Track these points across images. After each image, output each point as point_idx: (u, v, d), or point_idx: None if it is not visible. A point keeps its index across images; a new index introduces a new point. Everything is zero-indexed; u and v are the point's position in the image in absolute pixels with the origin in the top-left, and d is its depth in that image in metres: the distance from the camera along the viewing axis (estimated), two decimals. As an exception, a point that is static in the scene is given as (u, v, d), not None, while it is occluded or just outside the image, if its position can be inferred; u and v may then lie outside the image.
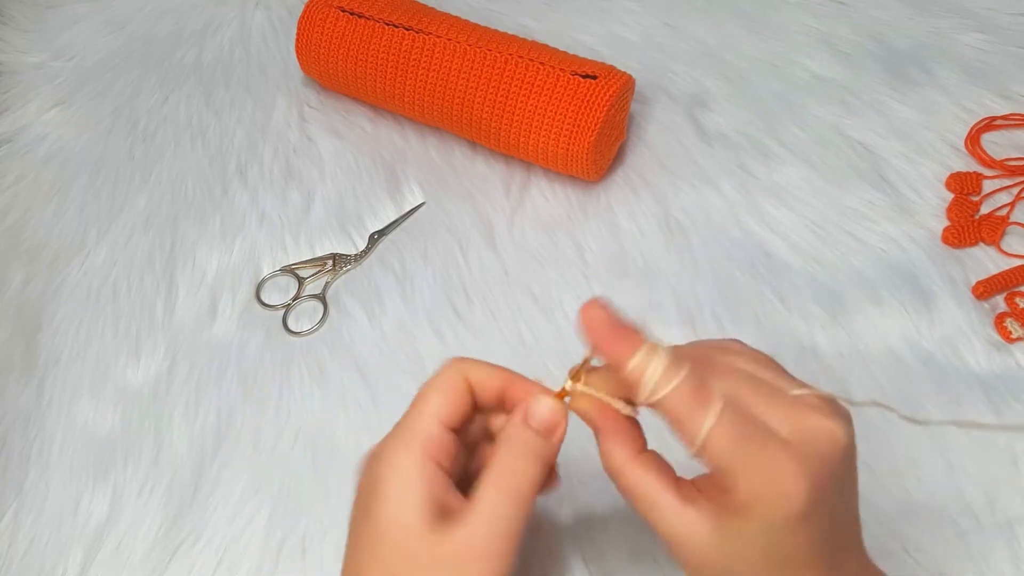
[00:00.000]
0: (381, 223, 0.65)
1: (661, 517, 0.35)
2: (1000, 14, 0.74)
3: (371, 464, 0.37)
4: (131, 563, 0.51)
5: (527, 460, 0.36)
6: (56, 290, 0.63)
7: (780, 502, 0.32)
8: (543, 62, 0.62)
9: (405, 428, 0.37)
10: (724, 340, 0.39)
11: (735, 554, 0.34)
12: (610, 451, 0.37)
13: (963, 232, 0.61)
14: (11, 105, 0.75)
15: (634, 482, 0.36)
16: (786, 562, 0.34)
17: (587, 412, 0.38)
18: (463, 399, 0.38)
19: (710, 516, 0.34)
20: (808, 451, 0.33)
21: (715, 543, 0.34)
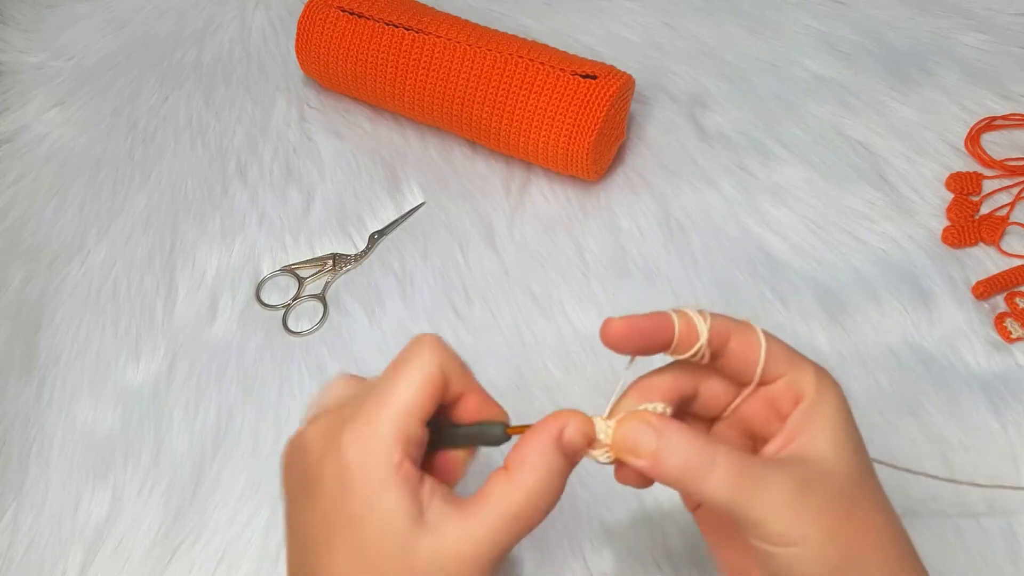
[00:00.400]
0: (381, 223, 0.65)
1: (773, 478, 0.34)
2: (1000, 14, 0.74)
3: (333, 457, 0.34)
4: (131, 563, 0.51)
5: (551, 490, 0.35)
6: (56, 290, 0.63)
7: (836, 387, 0.36)
8: (543, 62, 0.62)
9: (382, 425, 0.34)
10: None
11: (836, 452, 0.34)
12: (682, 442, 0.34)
13: (963, 232, 0.61)
14: (11, 105, 0.75)
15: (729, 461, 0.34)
16: (863, 450, 0.35)
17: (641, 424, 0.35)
18: (439, 392, 0.35)
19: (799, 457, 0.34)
20: (825, 371, 0.37)
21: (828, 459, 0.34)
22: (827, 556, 0.33)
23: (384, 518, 0.33)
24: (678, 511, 0.50)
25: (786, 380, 0.36)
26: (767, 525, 0.33)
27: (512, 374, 0.57)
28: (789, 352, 0.36)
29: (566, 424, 0.35)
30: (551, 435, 0.35)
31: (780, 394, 0.36)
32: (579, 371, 0.57)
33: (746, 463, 0.33)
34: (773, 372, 0.36)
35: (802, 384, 0.35)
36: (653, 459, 0.34)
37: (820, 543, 0.33)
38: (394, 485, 0.33)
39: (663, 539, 0.50)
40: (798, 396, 0.35)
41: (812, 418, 0.35)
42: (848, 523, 0.33)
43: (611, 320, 0.35)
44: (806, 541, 0.33)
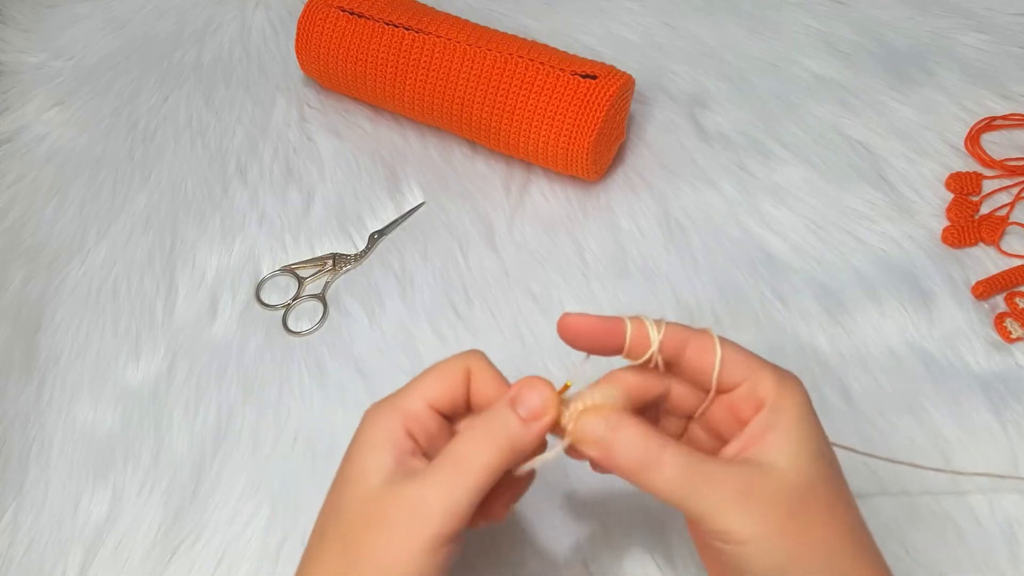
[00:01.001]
0: (381, 223, 0.65)
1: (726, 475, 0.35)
2: (1000, 14, 0.74)
3: (359, 426, 0.39)
4: (131, 563, 0.51)
5: (495, 440, 0.36)
6: (56, 290, 0.63)
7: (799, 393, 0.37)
8: (543, 62, 0.62)
9: (393, 398, 0.38)
10: None
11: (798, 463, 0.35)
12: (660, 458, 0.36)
13: (963, 232, 0.61)
14: (11, 105, 0.75)
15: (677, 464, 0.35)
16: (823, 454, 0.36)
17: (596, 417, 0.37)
18: (456, 388, 0.39)
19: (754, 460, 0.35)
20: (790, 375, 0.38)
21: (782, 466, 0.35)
22: (773, 556, 0.34)
23: (360, 470, 0.37)
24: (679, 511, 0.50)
25: (746, 387, 0.37)
26: (711, 520, 0.34)
27: (512, 374, 0.56)
28: (749, 359, 0.37)
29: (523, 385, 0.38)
30: (506, 395, 0.38)
31: (740, 401, 0.37)
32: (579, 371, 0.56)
33: (694, 460, 0.35)
34: (731, 380, 0.37)
35: (761, 392, 0.36)
36: (607, 451, 0.36)
37: (766, 542, 0.34)
38: (380, 443, 0.37)
39: (663, 539, 0.50)
40: (758, 403, 0.36)
41: (769, 426, 0.36)
42: (796, 524, 0.34)
43: (567, 315, 0.39)
44: (751, 539, 0.34)
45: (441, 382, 0.39)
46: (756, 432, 0.36)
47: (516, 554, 0.50)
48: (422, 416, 0.38)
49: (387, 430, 0.37)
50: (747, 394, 0.37)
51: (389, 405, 0.38)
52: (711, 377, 0.37)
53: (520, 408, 0.37)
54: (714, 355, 0.37)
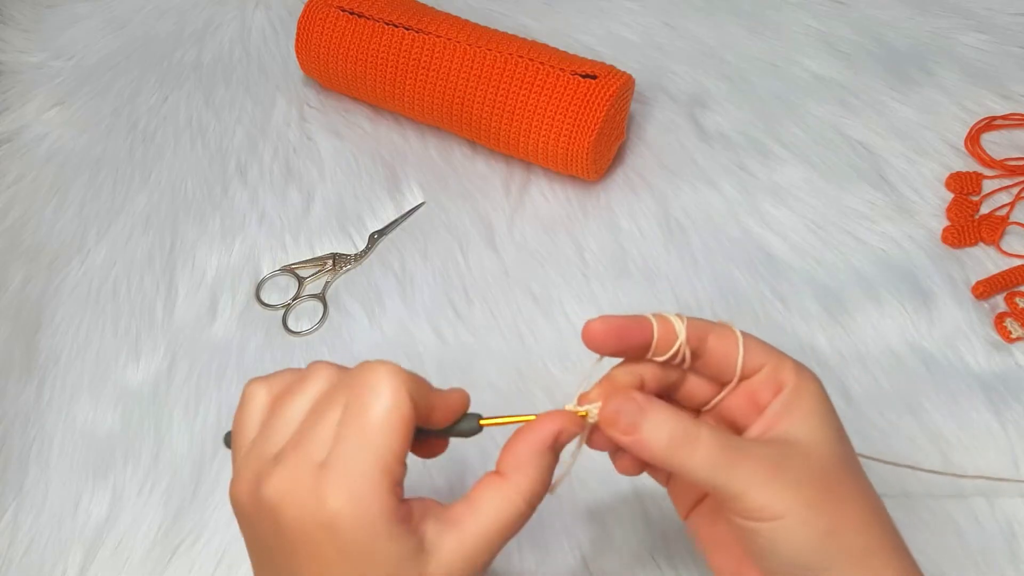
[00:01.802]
0: (381, 223, 0.65)
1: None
2: (1000, 14, 0.74)
3: (319, 520, 0.32)
4: (131, 563, 0.51)
5: (542, 487, 0.35)
6: (56, 290, 0.63)
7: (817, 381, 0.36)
8: (543, 62, 0.62)
9: (374, 480, 0.32)
10: None
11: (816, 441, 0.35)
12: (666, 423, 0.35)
13: (963, 232, 0.61)
14: (11, 105, 0.75)
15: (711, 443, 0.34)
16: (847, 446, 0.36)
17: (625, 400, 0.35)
18: (413, 427, 0.33)
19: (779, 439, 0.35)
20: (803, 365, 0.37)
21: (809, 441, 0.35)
22: (809, 530, 0.33)
23: (390, 566, 0.32)
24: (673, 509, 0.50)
25: (766, 372, 0.37)
26: (747, 498, 0.33)
27: (512, 374, 0.57)
28: (767, 347, 0.37)
29: (562, 430, 0.35)
30: (547, 440, 0.35)
31: (760, 386, 0.37)
32: (579, 371, 0.57)
33: (727, 439, 0.34)
34: (753, 365, 0.37)
35: (782, 375, 0.36)
36: (636, 432, 0.34)
37: (801, 516, 0.33)
38: (394, 533, 0.32)
39: (663, 539, 0.50)
40: (778, 386, 0.36)
41: (791, 406, 0.36)
42: (828, 498, 0.34)
43: (592, 321, 0.36)
44: (787, 514, 0.33)
45: (407, 433, 0.33)
46: (779, 411, 0.36)
47: (516, 554, 0.50)
48: (403, 474, 0.33)
49: (394, 520, 0.32)
50: (767, 378, 0.36)
51: (377, 491, 0.32)
52: (733, 365, 0.37)
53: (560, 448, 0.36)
54: (736, 344, 0.37)
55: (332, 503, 0.31)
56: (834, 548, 0.33)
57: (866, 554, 0.34)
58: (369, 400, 0.33)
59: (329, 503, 0.31)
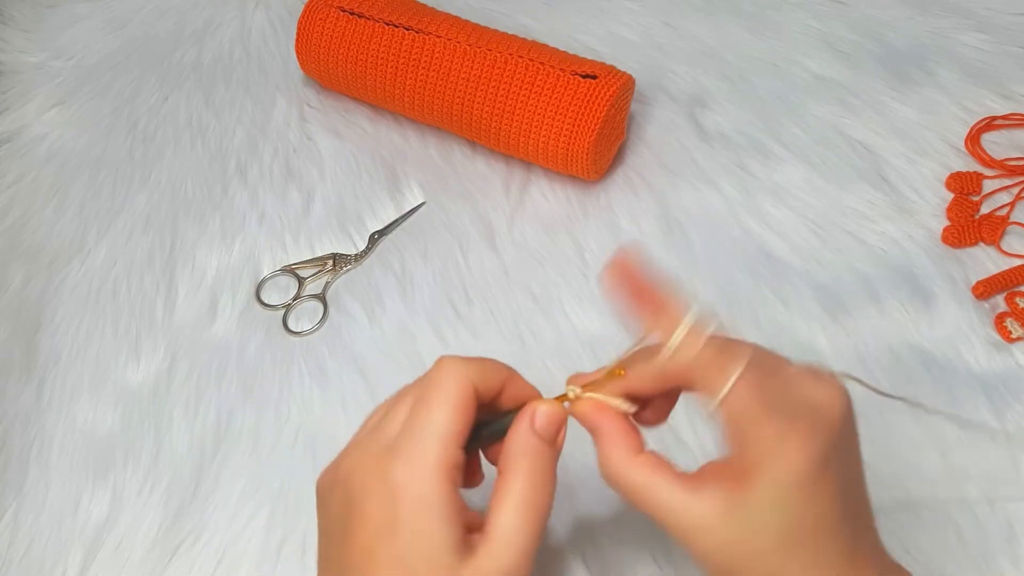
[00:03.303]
0: (381, 223, 0.65)
1: (670, 510, 0.34)
2: (1000, 14, 0.74)
3: (382, 493, 0.34)
4: (131, 563, 0.51)
5: (542, 473, 0.36)
6: (56, 290, 0.63)
7: (790, 463, 0.33)
8: (543, 62, 0.62)
9: (431, 457, 0.34)
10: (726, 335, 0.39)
11: (750, 533, 0.33)
12: (610, 453, 0.37)
13: (963, 232, 0.61)
14: (11, 105, 0.75)
15: (637, 480, 0.35)
16: (801, 536, 0.33)
17: (587, 415, 0.38)
18: (472, 410, 0.36)
19: (720, 498, 0.34)
20: (812, 415, 0.34)
21: (728, 524, 0.33)
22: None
23: (432, 550, 0.33)
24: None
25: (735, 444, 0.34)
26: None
27: (512, 374, 0.57)
28: (758, 411, 0.34)
29: (535, 411, 0.37)
30: (524, 425, 0.37)
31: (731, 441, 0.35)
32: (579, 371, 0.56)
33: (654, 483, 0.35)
34: (729, 426, 0.35)
35: (749, 457, 0.33)
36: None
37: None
38: (446, 517, 0.34)
39: (663, 539, 0.50)
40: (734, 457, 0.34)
41: (749, 478, 0.33)
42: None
43: (623, 256, 0.37)
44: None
45: (461, 412, 0.35)
46: (735, 470, 0.34)
47: (516, 554, 0.50)
48: (461, 461, 0.35)
49: (443, 501, 0.34)
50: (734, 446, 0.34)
51: (434, 468, 0.34)
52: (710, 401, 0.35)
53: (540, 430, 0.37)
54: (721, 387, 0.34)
55: (394, 476, 0.34)
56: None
57: None
58: (431, 387, 0.36)
59: (392, 476, 0.34)
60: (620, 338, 0.57)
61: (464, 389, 0.36)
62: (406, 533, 0.33)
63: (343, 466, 0.36)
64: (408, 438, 0.35)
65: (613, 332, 0.58)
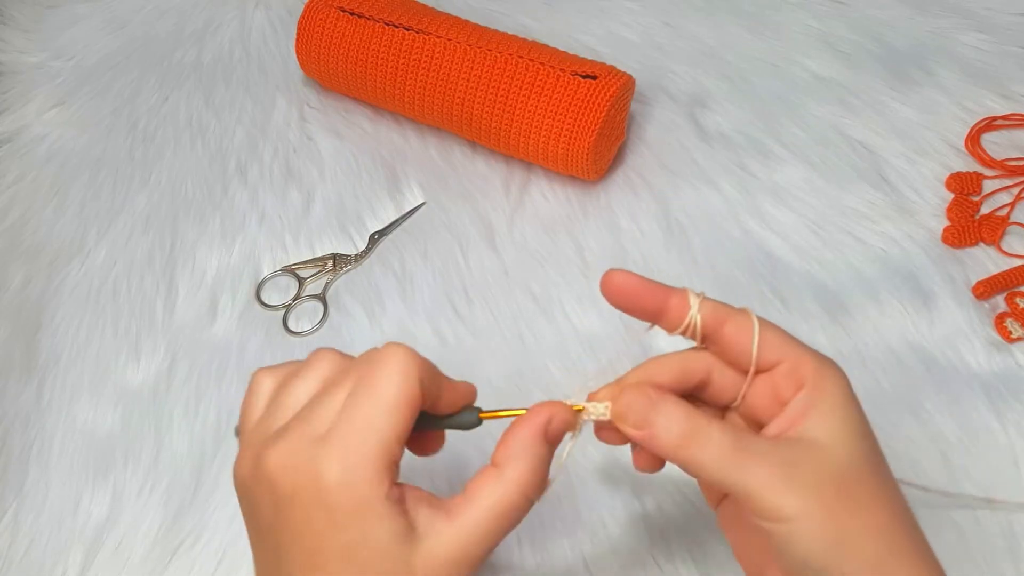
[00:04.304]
0: (381, 223, 0.65)
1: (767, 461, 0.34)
2: (1000, 14, 0.74)
3: (312, 492, 0.32)
4: (131, 563, 0.51)
5: (537, 480, 0.34)
6: (56, 290, 0.63)
7: (840, 375, 0.36)
8: (543, 62, 0.62)
9: (369, 457, 0.32)
10: None
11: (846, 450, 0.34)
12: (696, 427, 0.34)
13: (963, 232, 0.61)
14: (11, 105, 0.75)
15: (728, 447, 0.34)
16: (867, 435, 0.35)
17: (646, 394, 0.35)
18: (417, 411, 0.34)
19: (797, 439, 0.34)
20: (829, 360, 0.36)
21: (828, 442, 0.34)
22: (820, 534, 0.33)
23: (379, 544, 0.32)
24: (678, 511, 0.50)
25: (786, 366, 0.36)
26: (758, 498, 0.33)
27: (512, 374, 0.57)
28: (788, 340, 0.37)
29: (552, 417, 0.35)
30: (538, 428, 0.35)
31: (781, 380, 0.36)
32: (579, 371, 0.56)
33: (739, 438, 0.34)
34: (771, 358, 0.36)
35: (802, 370, 0.35)
36: (649, 427, 0.34)
37: (812, 520, 0.33)
38: (386, 512, 0.32)
39: (663, 539, 0.50)
40: (799, 382, 0.35)
41: (811, 404, 0.35)
42: (842, 503, 0.33)
43: (614, 273, 0.37)
44: (797, 517, 0.33)
45: (410, 413, 0.34)
46: (799, 410, 0.35)
47: (516, 554, 0.50)
48: (399, 456, 0.34)
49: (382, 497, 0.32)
50: (788, 372, 0.36)
51: (371, 467, 0.32)
52: (749, 354, 0.36)
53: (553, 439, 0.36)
54: (752, 332, 0.36)
55: (327, 475, 0.32)
56: (847, 554, 0.33)
57: (879, 560, 0.33)
58: (378, 378, 0.33)
59: (324, 475, 0.32)
60: (620, 338, 0.58)
61: (412, 388, 0.33)
62: (349, 532, 0.32)
63: (268, 463, 0.33)
64: (344, 435, 0.33)
65: (613, 332, 0.58)
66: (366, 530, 0.32)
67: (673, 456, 0.34)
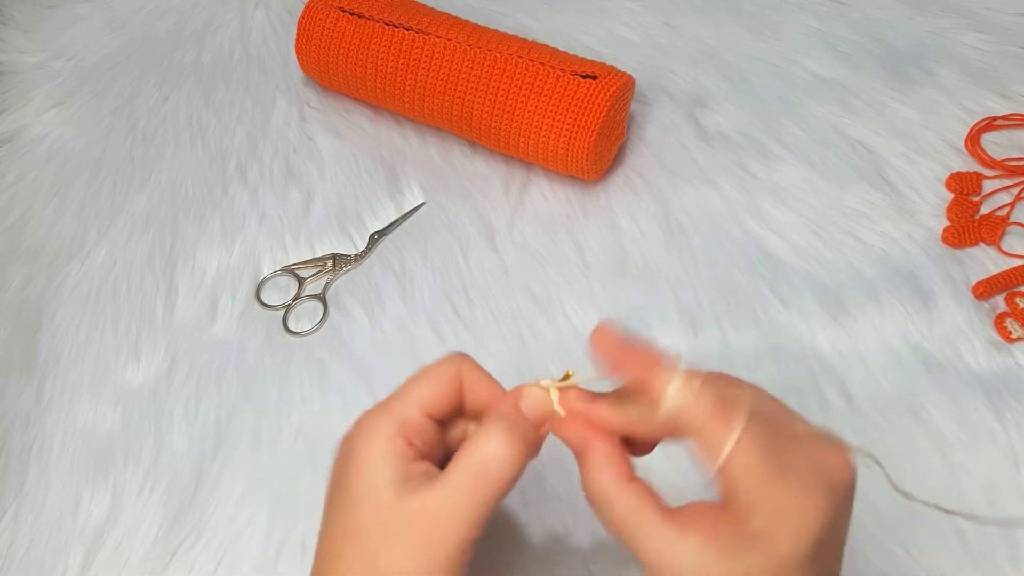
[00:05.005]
0: (381, 223, 0.65)
1: (653, 548, 0.33)
2: (1000, 14, 0.74)
3: (348, 437, 0.38)
4: (131, 563, 0.51)
5: (513, 443, 0.35)
6: (56, 290, 0.63)
7: (800, 534, 0.31)
8: (543, 62, 0.62)
9: (386, 407, 0.38)
10: (727, 375, 0.37)
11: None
12: (599, 475, 0.35)
13: (963, 232, 0.61)
14: (11, 105, 0.75)
15: (625, 507, 0.34)
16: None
17: (576, 431, 0.37)
18: (450, 393, 0.38)
19: (710, 549, 0.32)
20: (825, 484, 0.32)
21: (715, 573, 0.32)
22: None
23: (369, 483, 0.36)
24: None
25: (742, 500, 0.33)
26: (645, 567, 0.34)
27: (512, 374, 0.56)
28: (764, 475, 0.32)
29: (522, 391, 0.38)
30: (510, 398, 0.38)
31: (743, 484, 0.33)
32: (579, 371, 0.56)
33: (639, 509, 0.34)
34: (729, 487, 0.33)
35: (755, 515, 0.32)
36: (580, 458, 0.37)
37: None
38: (384, 453, 0.36)
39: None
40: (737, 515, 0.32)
41: (753, 538, 0.32)
42: None
43: (603, 329, 0.38)
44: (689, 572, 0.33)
45: (435, 387, 0.38)
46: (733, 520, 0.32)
47: (516, 554, 0.50)
48: (418, 424, 0.37)
49: (387, 441, 0.36)
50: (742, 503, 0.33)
51: (385, 414, 0.37)
52: (709, 462, 0.33)
53: (526, 408, 0.37)
54: (721, 450, 0.33)
55: (355, 429, 0.38)
56: None
57: None
58: (425, 366, 0.39)
59: (354, 429, 0.38)
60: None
61: (449, 371, 0.38)
62: (352, 469, 0.36)
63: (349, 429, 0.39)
64: (385, 400, 0.38)
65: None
66: (364, 467, 0.36)
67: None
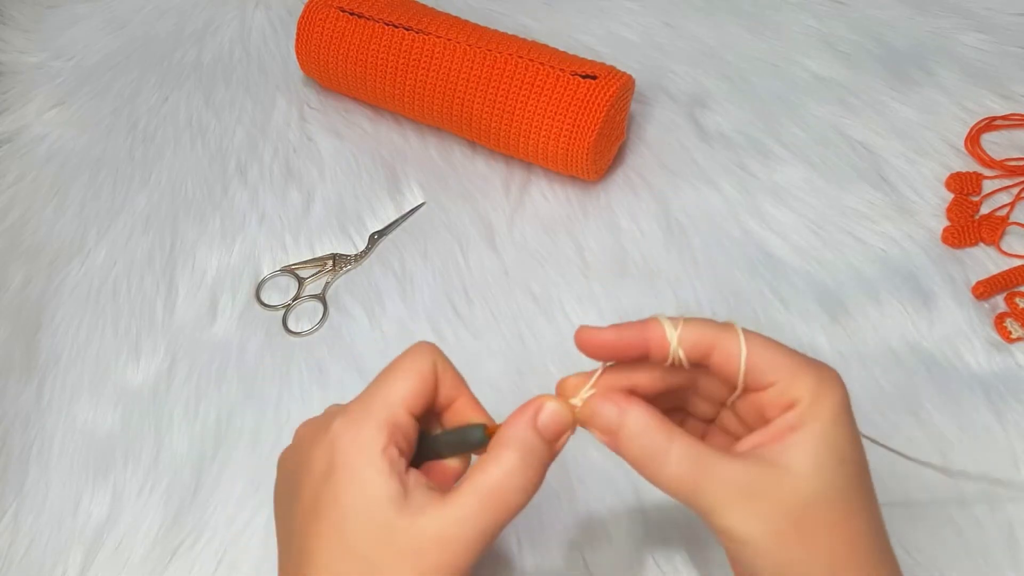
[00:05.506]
0: (381, 223, 0.65)
1: (729, 476, 0.33)
2: (1000, 14, 0.74)
3: (323, 443, 0.36)
4: (131, 563, 0.51)
5: (526, 469, 0.35)
6: (56, 290, 0.63)
7: (836, 393, 0.34)
8: (543, 62, 0.62)
9: (370, 410, 0.36)
10: None
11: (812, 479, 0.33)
12: (648, 431, 0.34)
13: (963, 232, 0.61)
14: (11, 105, 0.75)
15: (686, 454, 0.34)
16: (857, 473, 0.34)
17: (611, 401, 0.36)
18: (429, 388, 0.37)
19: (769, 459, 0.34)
20: (828, 370, 0.35)
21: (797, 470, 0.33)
22: (770, 559, 0.33)
23: (368, 498, 0.34)
24: (678, 511, 0.50)
25: (777, 389, 0.35)
26: (715, 516, 0.33)
27: (512, 374, 0.57)
28: (783, 360, 0.35)
29: (541, 407, 0.36)
30: (527, 417, 0.36)
31: (768, 402, 0.35)
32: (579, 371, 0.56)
33: (700, 456, 0.34)
34: (764, 380, 0.35)
35: (795, 393, 0.34)
36: (614, 437, 0.35)
37: (762, 545, 0.33)
38: (380, 466, 0.34)
39: (663, 539, 0.50)
40: (789, 404, 0.34)
41: (794, 426, 0.34)
42: (799, 533, 0.33)
43: (583, 330, 0.37)
44: (750, 541, 0.33)
45: (416, 383, 0.37)
46: (779, 429, 0.34)
47: (516, 554, 0.50)
48: (404, 425, 0.36)
49: (381, 453, 0.34)
50: (777, 395, 0.35)
51: (371, 419, 0.35)
52: (738, 378, 0.35)
53: (542, 426, 0.36)
54: (739, 357, 0.35)
55: (335, 433, 0.35)
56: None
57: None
58: (394, 360, 0.38)
59: (333, 433, 0.35)
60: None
61: (425, 365, 0.37)
62: (342, 481, 0.34)
63: (298, 431, 0.39)
64: (358, 399, 0.37)
65: (613, 332, 0.58)
66: (357, 480, 0.34)
67: (637, 465, 0.35)
